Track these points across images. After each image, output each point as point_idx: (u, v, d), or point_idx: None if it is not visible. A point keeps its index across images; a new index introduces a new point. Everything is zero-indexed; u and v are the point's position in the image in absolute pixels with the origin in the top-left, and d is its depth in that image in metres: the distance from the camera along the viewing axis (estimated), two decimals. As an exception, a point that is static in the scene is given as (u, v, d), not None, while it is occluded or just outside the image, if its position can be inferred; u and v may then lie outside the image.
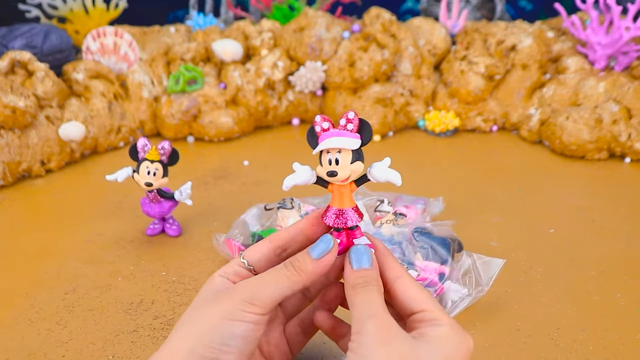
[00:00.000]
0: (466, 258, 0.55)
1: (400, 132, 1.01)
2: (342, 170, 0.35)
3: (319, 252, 0.35)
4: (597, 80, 0.93)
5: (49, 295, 0.56)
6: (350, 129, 0.35)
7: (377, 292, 0.34)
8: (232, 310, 0.34)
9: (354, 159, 0.35)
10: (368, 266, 0.36)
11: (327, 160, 0.35)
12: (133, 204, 0.74)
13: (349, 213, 0.36)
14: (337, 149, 0.35)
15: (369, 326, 0.32)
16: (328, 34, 1.00)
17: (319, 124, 0.36)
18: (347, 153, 0.35)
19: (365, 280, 0.35)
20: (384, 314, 0.33)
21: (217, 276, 0.37)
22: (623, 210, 0.74)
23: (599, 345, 0.49)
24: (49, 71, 0.87)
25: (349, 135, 0.35)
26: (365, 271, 0.35)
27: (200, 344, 0.33)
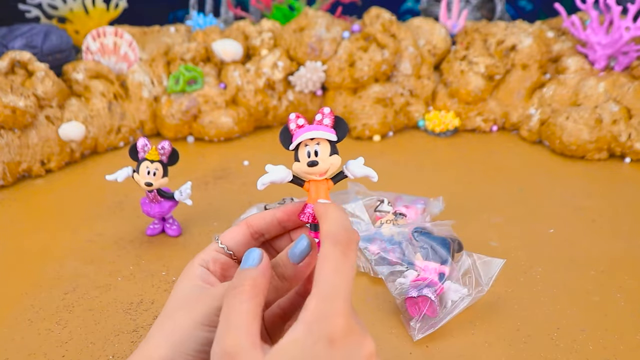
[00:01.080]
0: (466, 258, 0.55)
1: (400, 132, 1.01)
2: (322, 162, 0.34)
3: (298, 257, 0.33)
4: (597, 80, 0.93)
5: (49, 295, 0.56)
6: (326, 123, 0.35)
7: (244, 303, 0.29)
8: (211, 317, 0.31)
9: (332, 152, 0.35)
10: (252, 265, 0.31)
11: (306, 153, 0.35)
12: (133, 204, 0.74)
13: None
14: (316, 141, 0.35)
15: (216, 353, 0.28)
16: (328, 34, 1.00)
17: (293, 121, 0.36)
18: (325, 145, 0.35)
19: (239, 282, 0.30)
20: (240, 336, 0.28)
21: (196, 265, 0.35)
22: (623, 210, 0.74)
23: (599, 345, 0.49)
24: (49, 71, 0.87)
25: (325, 129, 0.35)
26: (246, 272, 0.31)
27: (178, 352, 0.31)
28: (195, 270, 0.35)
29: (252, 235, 0.37)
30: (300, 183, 0.36)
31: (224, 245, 0.36)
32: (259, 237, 0.37)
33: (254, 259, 0.31)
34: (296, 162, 0.36)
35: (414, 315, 0.51)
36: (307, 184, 0.36)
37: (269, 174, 0.36)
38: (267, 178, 0.36)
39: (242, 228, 0.36)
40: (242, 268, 0.31)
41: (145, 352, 0.32)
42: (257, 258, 0.32)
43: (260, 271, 0.31)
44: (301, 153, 0.35)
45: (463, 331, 0.51)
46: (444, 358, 0.48)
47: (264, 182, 0.36)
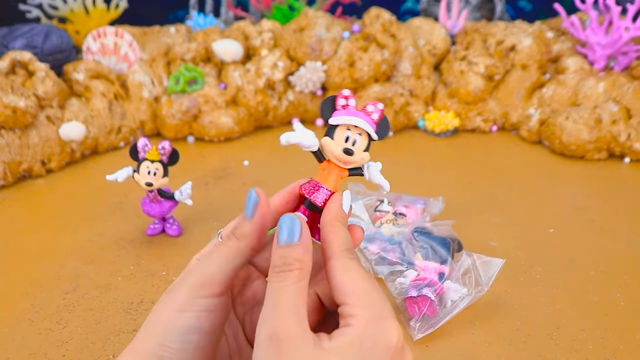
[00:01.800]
0: (466, 258, 0.55)
1: (400, 132, 1.01)
2: (357, 153, 0.33)
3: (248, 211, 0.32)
4: (596, 81, 0.93)
5: (49, 295, 0.56)
6: (374, 118, 0.34)
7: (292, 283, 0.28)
8: (184, 301, 0.30)
9: (367, 147, 0.33)
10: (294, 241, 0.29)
11: (345, 137, 0.33)
12: (133, 204, 0.74)
13: (324, 191, 0.34)
14: (359, 131, 0.33)
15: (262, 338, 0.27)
16: (328, 34, 1.00)
17: (345, 97, 0.34)
18: (365, 138, 0.33)
19: (284, 262, 0.29)
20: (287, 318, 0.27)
21: (195, 260, 0.34)
22: (622, 210, 0.74)
23: (599, 345, 0.49)
24: (49, 71, 0.87)
25: (371, 122, 0.33)
26: (291, 249, 0.29)
27: (158, 344, 0.30)
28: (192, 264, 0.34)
29: None
30: (320, 158, 0.34)
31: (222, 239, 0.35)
32: None
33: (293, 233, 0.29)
34: (328, 138, 0.34)
35: (413, 315, 0.51)
36: (326, 163, 0.34)
37: (298, 133, 0.34)
38: (295, 138, 0.33)
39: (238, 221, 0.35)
40: (283, 243, 0.29)
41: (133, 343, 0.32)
42: (297, 232, 0.29)
43: (305, 248, 0.29)
44: (339, 134, 0.33)
45: (463, 331, 0.51)
46: (443, 358, 0.48)
47: (290, 140, 0.33)
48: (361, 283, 0.29)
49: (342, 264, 0.29)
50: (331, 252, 0.30)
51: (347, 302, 0.28)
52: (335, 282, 0.29)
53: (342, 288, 0.29)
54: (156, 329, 0.30)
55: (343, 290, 0.28)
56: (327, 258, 0.30)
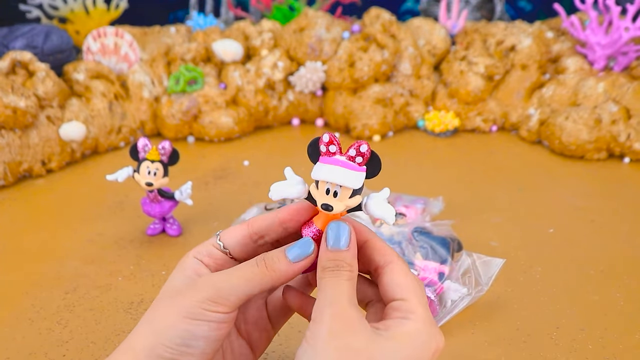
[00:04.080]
0: (466, 258, 0.55)
1: (400, 132, 1.01)
2: (338, 204, 0.32)
3: (296, 256, 0.33)
4: (596, 81, 0.93)
5: (49, 294, 0.56)
6: (358, 162, 0.32)
7: (347, 279, 0.31)
8: (194, 309, 0.31)
9: (353, 193, 0.32)
10: (344, 247, 0.32)
11: (325, 190, 0.32)
12: (133, 204, 0.74)
13: None
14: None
15: (326, 316, 0.30)
16: (328, 34, 1.00)
17: (325, 144, 0.33)
18: (348, 190, 0.32)
19: (337, 264, 0.32)
20: (347, 304, 0.30)
21: (191, 257, 0.35)
22: (622, 210, 0.74)
23: (598, 345, 0.49)
24: (49, 71, 0.87)
25: (355, 168, 0.32)
26: (339, 253, 0.32)
27: (160, 344, 0.31)
28: (189, 261, 0.35)
29: (251, 237, 0.36)
30: (314, 202, 0.34)
31: (221, 243, 0.35)
32: (258, 239, 0.36)
33: (344, 239, 0.32)
34: (314, 186, 0.33)
35: (413, 315, 0.51)
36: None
37: (284, 186, 0.34)
38: (282, 192, 0.34)
39: (242, 228, 0.36)
40: (332, 247, 0.32)
41: (130, 340, 0.32)
42: (346, 238, 0.32)
43: (353, 254, 0.32)
44: (321, 186, 0.32)
45: (463, 331, 0.51)
46: (443, 357, 0.48)
47: (276, 195, 0.34)
48: (419, 288, 0.32)
49: (402, 267, 0.33)
50: (391, 256, 0.33)
51: (407, 299, 0.31)
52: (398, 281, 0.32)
53: (405, 286, 0.32)
54: (160, 331, 0.31)
55: (404, 288, 0.32)
56: (387, 262, 0.33)
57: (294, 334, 0.51)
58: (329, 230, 0.33)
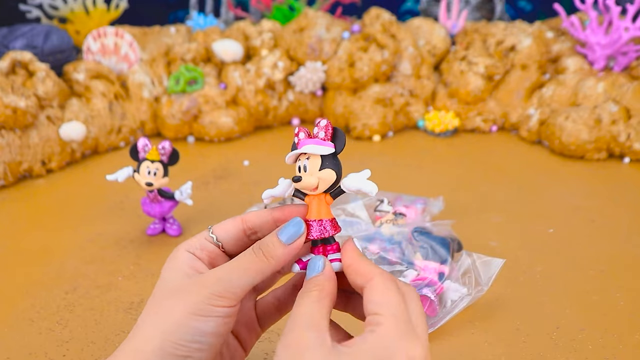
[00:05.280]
0: (466, 258, 0.55)
1: (400, 132, 1.01)
2: (308, 177, 0.34)
3: (289, 236, 0.34)
4: (596, 81, 0.93)
5: (49, 294, 0.56)
6: (321, 136, 0.35)
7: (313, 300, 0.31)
8: (201, 306, 0.32)
9: (323, 166, 0.34)
10: (318, 272, 0.33)
11: (297, 167, 0.35)
12: (133, 204, 0.74)
13: (325, 224, 0.35)
14: (307, 156, 0.35)
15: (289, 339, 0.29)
16: (328, 34, 1.00)
17: (295, 134, 0.36)
18: (315, 159, 0.34)
19: (308, 287, 0.32)
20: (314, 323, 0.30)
21: (183, 250, 0.35)
22: (622, 210, 0.74)
23: (598, 345, 0.49)
24: (49, 71, 0.87)
25: (319, 142, 0.35)
26: (313, 278, 0.33)
27: (169, 342, 0.31)
28: (181, 255, 0.35)
29: (245, 232, 0.37)
30: (301, 197, 0.36)
31: (214, 235, 0.36)
32: (251, 234, 0.37)
33: (318, 267, 0.34)
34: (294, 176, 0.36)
35: (413, 315, 0.51)
36: (308, 198, 0.36)
37: (274, 188, 0.37)
38: (269, 192, 0.37)
39: (236, 222, 0.37)
40: (309, 277, 0.33)
41: (135, 344, 0.32)
42: (320, 266, 0.34)
43: (326, 276, 0.33)
44: (295, 168, 0.36)
45: (463, 331, 0.51)
46: (443, 357, 0.48)
47: (266, 195, 0.37)
48: (396, 301, 0.31)
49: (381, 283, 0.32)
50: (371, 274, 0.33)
51: (378, 313, 0.30)
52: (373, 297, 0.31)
53: (379, 302, 0.31)
54: (168, 330, 0.31)
55: (378, 303, 0.31)
56: (367, 281, 0.32)
57: (294, 334, 0.51)
58: (307, 266, 0.34)
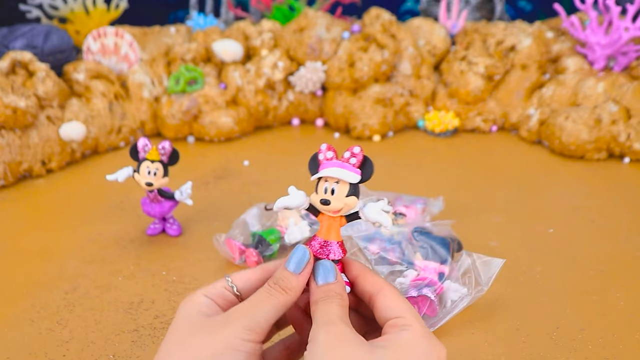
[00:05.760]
0: (466, 258, 0.55)
1: (400, 132, 1.01)
2: (335, 201, 0.35)
3: (296, 265, 0.35)
4: (596, 81, 0.93)
5: (49, 294, 0.56)
6: (352, 162, 0.35)
7: (338, 305, 0.34)
8: (234, 340, 0.32)
9: (349, 192, 0.35)
10: (332, 280, 0.35)
11: (323, 189, 0.35)
12: (134, 204, 0.74)
13: (333, 246, 0.36)
14: (335, 179, 0.35)
15: (321, 334, 0.31)
16: (328, 34, 1.00)
17: (323, 152, 0.36)
18: (344, 185, 0.35)
19: (327, 294, 0.34)
20: (340, 322, 0.32)
21: (201, 295, 0.35)
22: (622, 210, 0.74)
23: (598, 345, 0.49)
24: (49, 71, 0.87)
25: (350, 168, 0.35)
26: (328, 285, 0.35)
27: None
28: (199, 298, 0.35)
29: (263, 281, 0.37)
30: (315, 213, 0.37)
31: (234, 285, 0.36)
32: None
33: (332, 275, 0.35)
34: (314, 193, 0.36)
35: (413, 315, 0.51)
36: (322, 216, 0.36)
37: (287, 198, 0.37)
38: (284, 202, 0.37)
39: (256, 272, 0.37)
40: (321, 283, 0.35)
41: None
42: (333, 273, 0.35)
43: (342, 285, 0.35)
44: (320, 187, 0.36)
45: (463, 331, 0.51)
46: (443, 357, 0.48)
47: (279, 206, 0.37)
48: (410, 307, 0.34)
49: (393, 292, 0.35)
50: (381, 284, 0.35)
51: (403, 315, 0.33)
52: (391, 303, 0.34)
53: (397, 306, 0.33)
54: None
55: (397, 308, 0.33)
56: (379, 290, 0.35)
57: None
58: (315, 270, 0.36)
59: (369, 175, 0.35)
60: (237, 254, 0.60)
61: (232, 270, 0.60)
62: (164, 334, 0.51)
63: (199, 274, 0.60)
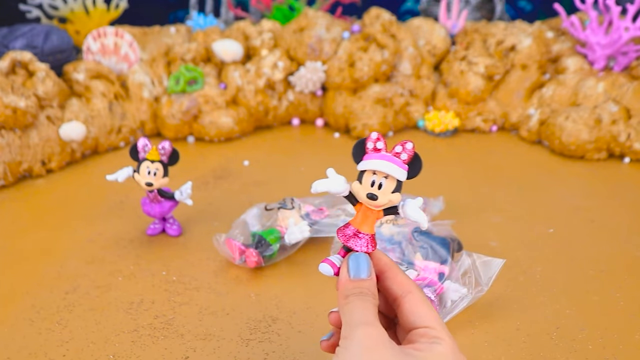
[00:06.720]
0: (466, 258, 0.55)
1: (400, 132, 1.01)
2: (382, 196, 0.34)
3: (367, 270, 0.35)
4: (596, 81, 0.93)
5: (49, 294, 0.56)
6: (403, 158, 0.34)
7: (371, 303, 0.33)
8: None
9: (395, 189, 0.34)
10: (365, 276, 0.35)
11: (370, 182, 0.34)
12: (134, 204, 0.74)
13: (366, 238, 0.35)
14: (385, 174, 0.34)
15: (358, 333, 0.31)
16: (328, 34, 1.00)
17: (372, 141, 0.35)
18: (392, 181, 0.34)
19: (361, 291, 0.34)
20: (376, 322, 0.32)
21: None
22: (622, 210, 0.74)
23: (598, 345, 0.49)
24: (49, 71, 0.87)
25: (400, 164, 0.34)
26: (362, 282, 0.34)
27: None
28: None
29: None
30: (353, 202, 0.36)
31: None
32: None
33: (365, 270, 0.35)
34: (357, 182, 0.35)
35: (413, 315, 0.51)
36: (359, 206, 0.35)
37: (327, 181, 0.35)
38: (324, 186, 0.35)
39: None
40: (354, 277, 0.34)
41: None
42: (367, 268, 0.35)
43: (374, 282, 0.35)
44: (366, 178, 0.34)
45: (463, 331, 0.51)
46: (443, 357, 0.48)
47: (319, 189, 0.35)
48: (439, 317, 0.34)
49: (421, 297, 0.34)
50: (409, 286, 0.35)
51: (433, 327, 0.33)
52: (420, 310, 0.34)
53: (426, 315, 0.33)
54: None
55: (427, 317, 0.33)
56: (406, 292, 0.35)
57: (294, 334, 0.51)
58: (349, 261, 0.35)
59: (416, 173, 0.34)
60: (237, 254, 0.60)
61: (232, 270, 0.60)
62: (164, 334, 0.51)
63: (199, 274, 0.60)
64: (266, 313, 0.54)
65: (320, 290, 0.57)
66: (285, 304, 0.55)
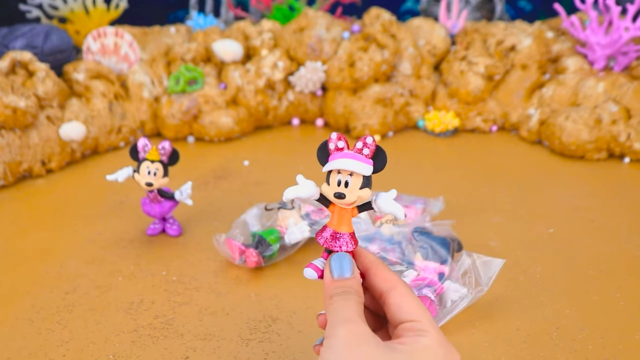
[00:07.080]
0: (466, 258, 0.55)
1: (400, 132, 1.01)
2: (350, 194, 0.34)
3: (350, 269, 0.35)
4: (596, 81, 0.93)
5: (49, 294, 0.56)
6: (365, 153, 0.34)
7: (355, 301, 0.33)
8: None
9: (363, 184, 0.34)
10: (349, 275, 0.35)
11: (337, 181, 0.34)
12: (134, 204, 0.74)
13: (345, 238, 0.35)
14: (349, 172, 0.34)
15: (340, 331, 0.31)
16: (328, 34, 1.00)
17: (334, 141, 0.35)
18: (358, 177, 0.34)
19: (344, 290, 0.34)
20: (359, 320, 0.32)
21: None
22: (622, 210, 0.74)
23: (598, 345, 0.49)
24: (49, 71, 0.87)
25: (363, 159, 0.34)
26: (345, 281, 0.34)
27: None
28: None
29: None
30: (326, 204, 0.36)
31: None
32: None
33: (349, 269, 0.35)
34: (326, 184, 0.35)
35: (413, 315, 0.51)
36: (332, 207, 0.36)
37: (297, 187, 0.36)
38: (294, 193, 0.35)
39: None
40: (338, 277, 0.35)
41: None
42: (350, 267, 0.35)
43: (358, 281, 0.35)
44: (332, 179, 0.34)
45: (463, 331, 0.51)
46: (443, 357, 0.48)
47: (289, 196, 0.36)
48: (425, 310, 0.34)
49: (407, 291, 0.34)
50: (395, 282, 0.35)
51: (419, 320, 0.33)
52: (406, 304, 0.34)
53: (411, 309, 0.33)
54: None
55: (412, 311, 0.33)
56: (391, 287, 0.35)
57: (294, 334, 0.51)
58: (331, 262, 0.35)
59: (382, 166, 0.34)
60: (237, 254, 0.60)
61: (232, 270, 0.60)
62: (164, 334, 0.51)
63: (199, 274, 0.60)
64: (266, 313, 0.54)
65: (320, 290, 0.56)
66: (285, 304, 0.55)
